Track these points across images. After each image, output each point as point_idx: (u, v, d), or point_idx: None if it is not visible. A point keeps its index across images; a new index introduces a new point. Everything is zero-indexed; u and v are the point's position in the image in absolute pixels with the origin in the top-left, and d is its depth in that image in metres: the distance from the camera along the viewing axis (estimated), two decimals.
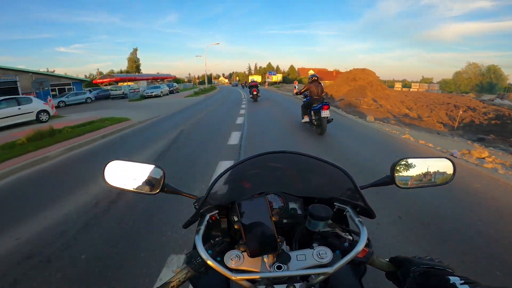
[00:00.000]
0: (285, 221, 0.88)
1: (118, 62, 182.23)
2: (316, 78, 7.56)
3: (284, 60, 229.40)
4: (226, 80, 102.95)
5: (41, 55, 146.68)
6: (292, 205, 0.90)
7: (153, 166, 0.85)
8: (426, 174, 0.85)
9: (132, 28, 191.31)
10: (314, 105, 7.16)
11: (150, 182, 0.84)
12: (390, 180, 0.85)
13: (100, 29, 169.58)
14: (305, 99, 7.87)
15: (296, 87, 21.57)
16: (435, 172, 0.85)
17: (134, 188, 0.85)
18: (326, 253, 0.65)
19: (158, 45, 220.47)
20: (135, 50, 69.09)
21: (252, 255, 0.63)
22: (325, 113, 6.77)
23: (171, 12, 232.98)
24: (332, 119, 7.14)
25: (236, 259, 0.65)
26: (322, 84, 7.60)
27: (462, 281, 0.50)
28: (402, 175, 0.85)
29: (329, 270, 0.62)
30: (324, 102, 6.97)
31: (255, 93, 17.97)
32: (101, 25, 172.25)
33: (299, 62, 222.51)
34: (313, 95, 7.33)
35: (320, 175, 0.96)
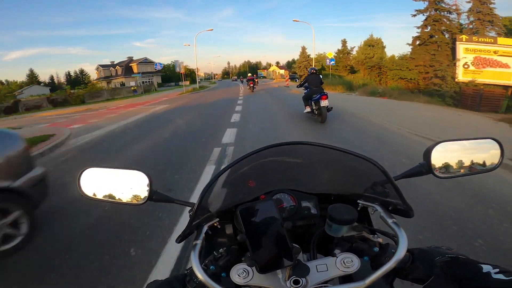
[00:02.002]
0: (298, 223, 0.76)
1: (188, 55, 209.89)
2: (314, 71, 8.30)
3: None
4: (282, 71, 78.96)
5: (122, 50, 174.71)
6: (304, 203, 0.78)
7: (137, 171, 0.72)
8: (468, 159, 0.71)
9: (194, 22, 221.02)
10: (313, 96, 7.64)
11: (135, 190, 0.72)
12: (426, 169, 0.70)
13: (168, 25, 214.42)
14: (305, 91, 8.30)
15: (297, 79, 23.98)
16: (478, 155, 0.71)
17: (117, 199, 0.73)
18: (352, 261, 0.54)
19: (216, 38, 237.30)
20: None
21: (262, 271, 0.52)
22: (324, 103, 7.30)
23: (228, 6, 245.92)
24: (332, 107, 7.60)
25: (244, 274, 0.54)
26: (321, 76, 8.37)
27: (496, 270, 0.45)
28: (440, 162, 0.70)
29: (361, 285, 0.50)
30: (323, 92, 7.44)
31: (252, 85, 23.65)
32: (168, 21, 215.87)
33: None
34: (312, 87, 7.88)
35: (337, 167, 0.83)
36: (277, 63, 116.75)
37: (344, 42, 36.34)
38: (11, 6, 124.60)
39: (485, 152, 0.72)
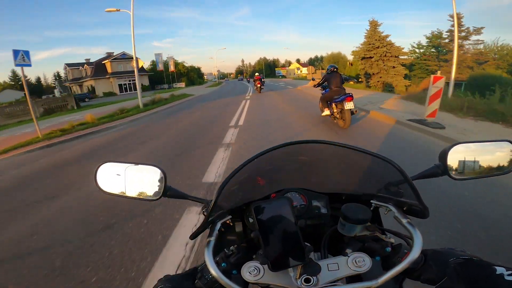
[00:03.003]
0: (308, 222, 0.76)
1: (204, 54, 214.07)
2: (335, 69, 7.32)
3: None
4: (301, 71, 65.36)
5: (142, 49, 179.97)
6: (315, 203, 0.78)
7: (152, 166, 0.73)
8: (485, 161, 0.70)
9: (210, 22, 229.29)
10: (335, 97, 6.82)
11: (149, 185, 0.73)
12: (441, 170, 0.70)
13: (185, 24, 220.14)
14: (323, 92, 7.58)
15: (314, 78, 17.49)
16: (494, 157, 0.71)
17: (132, 194, 0.74)
18: (363, 260, 0.55)
19: (232, 37, 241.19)
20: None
21: (274, 268, 0.52)
22: (349, 105, 6.48)
23: (244, 5, 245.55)
24: (356, 110, 6.82)
25: (255, 272, 0.54)
26: (342, 75, 7.42)
27: (510, 272, 0.45)
28: (456, 164, 0.70)
29: (373, 284, 0.51)
30: (347, 93, 6.63)
31: (258, 85, 20.35)
32: (185, 20, 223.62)
33: None
34: (332, 87, 7.08)
35: (349, 166, 0.83)
36: (298, 60, 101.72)
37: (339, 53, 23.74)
38: (40, 6, 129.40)
39: (501, 154, 0.71)
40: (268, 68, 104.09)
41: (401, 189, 0.67)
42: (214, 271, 0.54)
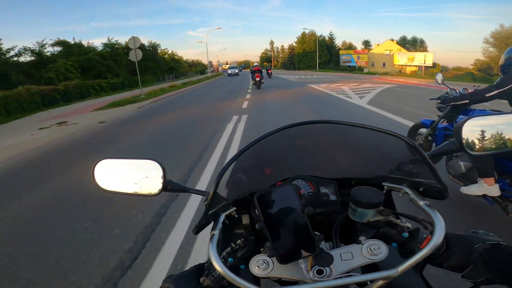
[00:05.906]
0: (317, 210, 0.73)
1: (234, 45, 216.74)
2: None
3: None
4: (412, 59, 36.91)
5: (177, 39, 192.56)
6: (323, 190, 0.74)
7: (150, 160, 0.70)
8: (503, 134, 0.65)
9: (242, 12, 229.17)
10: None
11: (149, 181, 0.70)
12: (457, 146, 0.65)
13: (218, 14, 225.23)
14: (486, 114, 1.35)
15: (439, 78, 3.00)
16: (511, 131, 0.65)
17: (131, 190, 0.72)
18: (379, 248, 0.52)
19: (265, 28, 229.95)
20: None
21: (283, 261, 0.49)
22: None
23: None
24: None
25: (264, 265, 0.52)
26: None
27: None
28: (472, 138, 0.65)
29: (394, 273, 0.47)
30: None
31: (258, 79, 15.93)
32: (218, 10, 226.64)
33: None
34: None
35: (358, 148, 0.80)
36: (366, 44, 53.56)
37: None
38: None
39: None
40: (327, 52, 54.56)
41: (416, 169, 0.64)
42: (220, 267, 0.51)
